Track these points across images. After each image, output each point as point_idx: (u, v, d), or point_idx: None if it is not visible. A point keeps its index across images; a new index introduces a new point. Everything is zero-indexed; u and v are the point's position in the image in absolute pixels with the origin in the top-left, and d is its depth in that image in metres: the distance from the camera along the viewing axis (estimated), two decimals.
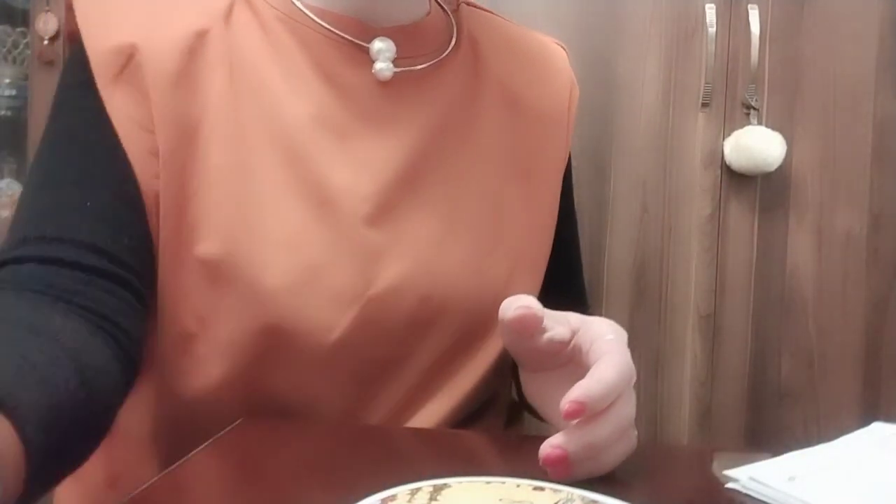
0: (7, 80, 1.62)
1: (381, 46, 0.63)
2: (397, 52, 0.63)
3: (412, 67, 0.64)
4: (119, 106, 0.57)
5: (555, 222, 0.71)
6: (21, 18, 1.59)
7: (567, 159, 0.74)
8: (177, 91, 0.57)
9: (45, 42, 1.43)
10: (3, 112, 1.63)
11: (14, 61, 1.62)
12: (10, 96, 1.62)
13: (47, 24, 1.43)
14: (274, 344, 0.56)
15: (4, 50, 1.61)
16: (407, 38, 0.64)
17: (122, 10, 0.59)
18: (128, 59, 0.57)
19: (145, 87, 0.57)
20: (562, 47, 0.78)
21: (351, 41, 0.63)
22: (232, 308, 0.56)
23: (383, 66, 0.62)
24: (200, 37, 0.59)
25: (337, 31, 0.63)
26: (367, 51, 0.63)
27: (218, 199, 0.57)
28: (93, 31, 0.57)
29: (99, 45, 0.57)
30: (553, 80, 0.73)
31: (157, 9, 0.59)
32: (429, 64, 0.66)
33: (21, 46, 1.61)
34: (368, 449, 0.54)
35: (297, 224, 0.58)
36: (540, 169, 0.70)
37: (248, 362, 0.57)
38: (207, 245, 0.57)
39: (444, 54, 0.67)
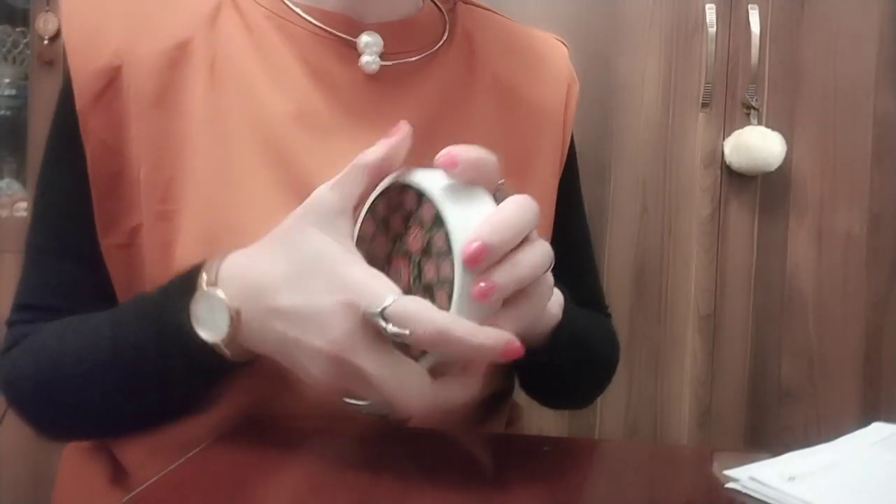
0: (7, 80, 1.62)
1: (369, 40, 0.63)
2: (386, 47, 0.63)
3: (400, 61, 0.65)
4: (94, 130, 0.58)
5: (551, 218, 0.71)
6: (21, 18, 1.58)
7: (567, 156, 0.74)
8: (157, 110, 0.58)
9: (45, 42, 1.42)
10: (3, 112, 1.63)
11: (14, 61, 1.62)
12: (9, 96, 1.62)
13: (47, 24, 1.43)
14: None
15: (4, 50, 1.61)
16: (396, 34, 0.64)
17: (107, 25, 0.59)
18: (109, 82, 0.58)
19: (125, 108, 0.58)
20: (562, 43, 0.78)
21: (338, 36, 0.63)
22: None
23: (370, 60, 0.63)
24: (183, 48, 0.59)
25: (325, 27, 0.63)
26: (354, 46, 0.63)
27: (200, 204, 0.58)
28: (78, 52, 0.58)
29: (83, 67, 0.58)
30: (550, 76, 0.73)
31: (143, 19, 0.60)
32: (418, 58, 0.66)
33: (21, 46, 1.61)
34: (367, 449, 0.54)
35: (280, 221, 0.58)
36: (534, 165, 0.70)
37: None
38: (190, 249, 0.57)
39: (435, 48, 0.67)
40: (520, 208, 0.45)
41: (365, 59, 0.63)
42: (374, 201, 0.49)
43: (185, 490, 0.45)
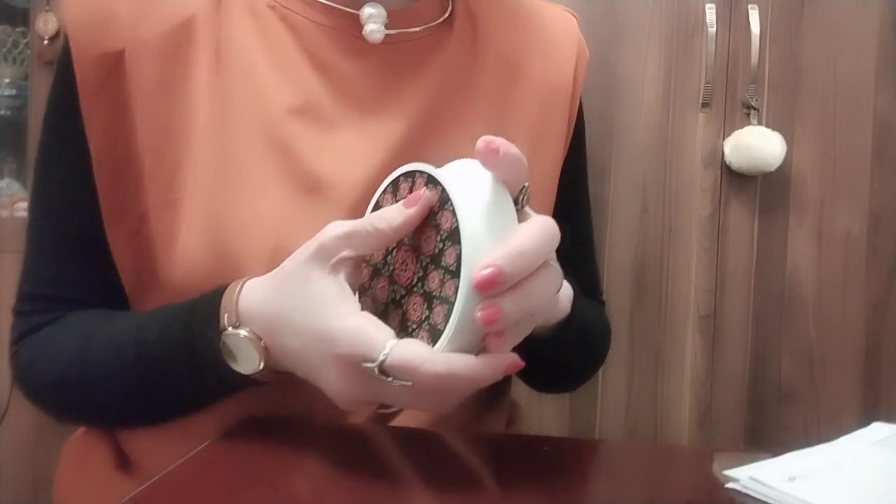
0: (7, 80, 1.62)
1: (372, 12, 0.62)
2: (388, 27, 0.63)
3: (405, 30, 0.64)
4: (97, 119, 0.58)
5: (555, 192, 0.71)
6: (21, 18, 1.58)
7: (574, 130, 0.73)
8: (161, 95, 0.58)
9: (45, 42, 1.42)
10: (3, 112, 1.63)
11: (14, 61, 1.62)
12: (9, 96, 1.62)
13: (47, 24, 1.43)
14: None
15: (4, 50, 1.61)
16: (398, 15, 0.64)
17: (110, 10, 0.58)
18: (112, 67, 0.58)
19: (128, 95, 0.58)
20: (572, 14, 0.76)
21: (341, 9, 0.62)
22: None
23: (374, 28, 0.62)
24: (186, 27, 0.59)
25: (327, 1, 0.62)
26: (359, 35, 0.62)
27: (203, 193, 0.58)
28: (80, 39, 0.58)
29: (86, 54, 0.58)
30: (557, 49, 0.72)
31: (146, 2, 0.59)
32: (421, 28, 0.65)
33: (21, 46, 1.61)
34: (367, 449, 0.54)
35: (283, 213, 0.58)
36: (541, 143, 0.69)
37: None
38: (193, 238, 0.57)
39: (437, 21, 0.67)
40: (541, 234, 0.44)
41: (369, 27, 0.62)
42: (397, 177, 0.49)
43: (186, 489, 0.45)
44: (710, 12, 1.30)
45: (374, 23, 0.62)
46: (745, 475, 0.45)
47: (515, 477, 0.48)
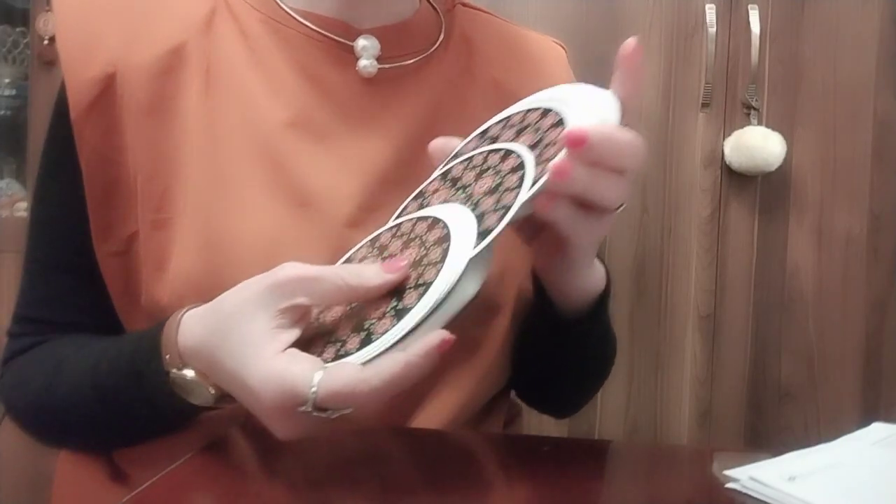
0: (7, 80, 1.62)
1: (366, 44, 0.63)
2: (382, 50, 0.63)
3: (398, 64, 0.64)
4: (88, 139, 0.58)
5: None
6: (21, 18, 1.59)
7: None
8: (152, 118, 0.58)
9: (45, 42, 1.42)
10: (3, 112, 1.63)
11: (14, 61, 1.62)
12: (10, 96, 1.63)
13: (47, 24, 1.43)
14: None
15: (4, 50, 1.61)
16: (392, 37, 0.64)
17: (101, 33, 0.59)
18: (103, 90, 0.58)
19: (119, 116, 0.58)
20: (561, 46, 0.78)
21: (335, 40, 0.63)
22: None
23: (367, 63, 0.62)
24: (177, 53, 0.59)
25: (321, 31, 0.63)
26: (351, 50, 0.63)
27: (196, 212, 0.58)
28: (72, 61, 0.58)
29: (77, 76, 0.58)
30: (550, 79, 0.73)
31: (137, 26, 0.59)
32: (415, 60, 0.66)
33: (21, 46, 1.61)
34: (367, 449, 0.54)
35: (275, 227, 0.58)
36: None
37: None
38: (186, 258, 0.57)
39: (432, 50, 0.67)
40: (633, 140, 0.45)
41: (363, 62, 0.62)
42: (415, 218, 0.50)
43: (185, 490, 0.45)
44: (710, 12, 1.30)
45: (367, 57, 0.62)
46: (745, 475, 0.45)
47: (515, 477, 0.48)
